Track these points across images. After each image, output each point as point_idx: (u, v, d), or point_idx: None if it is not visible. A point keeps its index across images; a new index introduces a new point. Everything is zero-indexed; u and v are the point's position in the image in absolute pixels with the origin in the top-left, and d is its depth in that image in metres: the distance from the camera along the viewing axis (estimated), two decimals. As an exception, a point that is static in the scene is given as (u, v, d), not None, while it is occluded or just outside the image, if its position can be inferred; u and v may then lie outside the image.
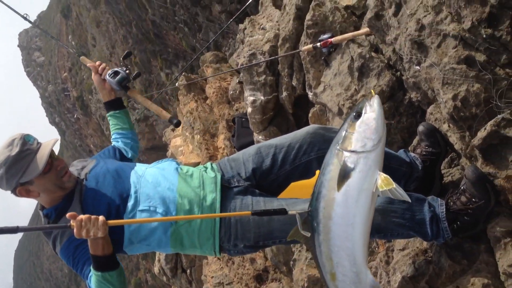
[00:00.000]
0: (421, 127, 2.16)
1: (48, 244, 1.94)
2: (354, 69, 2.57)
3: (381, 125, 1.49)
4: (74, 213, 1.64)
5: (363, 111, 1.51)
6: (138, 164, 2.11)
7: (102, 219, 1.65)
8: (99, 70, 2.34)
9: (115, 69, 2.33)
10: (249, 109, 3.77)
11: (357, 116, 1.52)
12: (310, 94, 3.10)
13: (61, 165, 1.90)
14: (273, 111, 3.72)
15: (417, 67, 2.05)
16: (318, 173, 1.76)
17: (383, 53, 2.47)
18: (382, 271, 2.29)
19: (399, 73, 2.39)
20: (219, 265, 4.40)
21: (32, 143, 1.84)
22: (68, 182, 1.91)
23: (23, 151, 1.80)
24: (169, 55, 15.99)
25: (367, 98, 1.54)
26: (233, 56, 5.40)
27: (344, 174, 1.49)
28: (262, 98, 3.65)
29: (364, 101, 1.53)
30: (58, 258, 1.92)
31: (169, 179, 1.96)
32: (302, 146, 1.99)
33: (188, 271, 5.27)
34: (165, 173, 2.00)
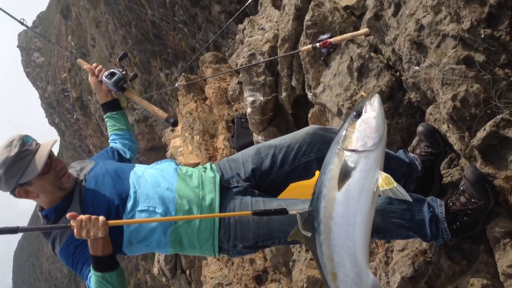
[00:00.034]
0: (420, 128, 2.16)
1: (47, 245, 1.94)
2: (353, 70, 2.57)
3: (382, 124, 1.48)
4: (74, 213, 1.64)
5: (363, 110, 1.51)
6: (137, 165, 2.11)
7: (102, 219, 1.65)
8: (95, 72, 2.35)
9: (111, 70, 2.34)
10: (249, 110, 3.77)
11: (358, 115, 1.51)
12: (310, 95, 3.10)
13: (60, 165, 1.90)
14: (273, 111, 3.71)
15: (417, 68, 2.05)
16: (317, 173, 1.76)
17: (383, 53, 2.47)
18: (381, 271, 2.28)
19: (398, 73, 2.39)
20: (219, 266, 4.39)
21: (31, 144, 1.84)
22: (67, 182, 1.91)
23: (22, 152, 1.80)
24: (168, 55, 16.00)
25: (367, 97, 1.53)
26: (233, 57, 5.40)
27: (345, 174, 1.48)
28: (262, 98, 3.64)
29: (365, 100, 1.52)
30: (57, 259, 1.92)
31: (168, 180, 1.96)
32: (301, 146, 1.99)
33: (187, 272, 5.27)
34: (164, 173, 2.00)
